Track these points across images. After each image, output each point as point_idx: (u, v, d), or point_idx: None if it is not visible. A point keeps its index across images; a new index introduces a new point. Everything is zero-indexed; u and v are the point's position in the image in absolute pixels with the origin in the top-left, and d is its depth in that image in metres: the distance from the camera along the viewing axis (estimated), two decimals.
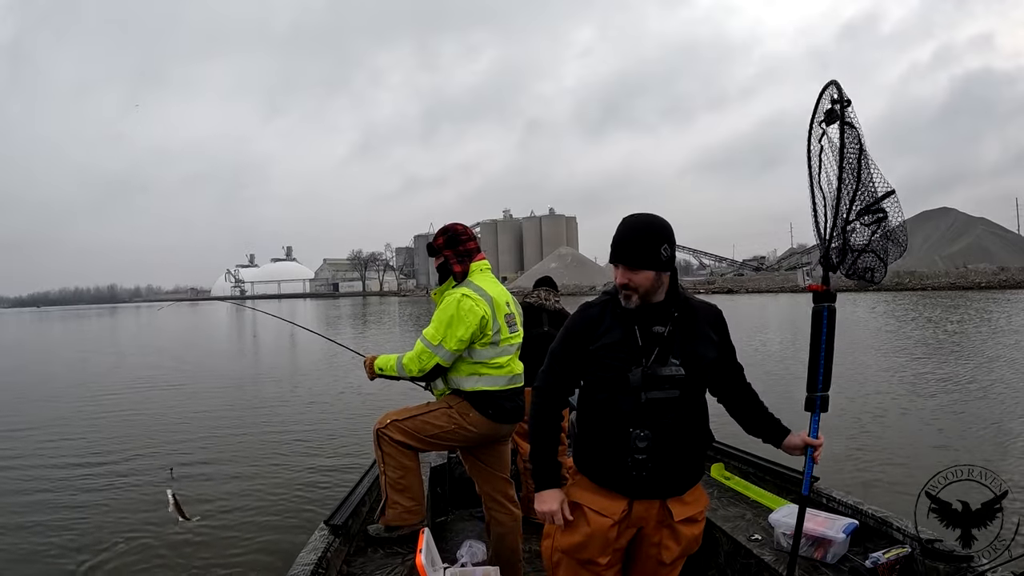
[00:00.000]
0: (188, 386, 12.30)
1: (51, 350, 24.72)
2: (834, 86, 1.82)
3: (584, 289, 73.03)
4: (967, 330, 16.97)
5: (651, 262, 1.65)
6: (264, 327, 26.70)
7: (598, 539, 1.71)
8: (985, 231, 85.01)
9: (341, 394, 10.61)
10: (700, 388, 1.76)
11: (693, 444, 1.73)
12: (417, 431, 2.59)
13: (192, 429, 8.28)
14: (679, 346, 1.69)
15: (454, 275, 2.64)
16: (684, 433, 1.70)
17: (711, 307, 1.81)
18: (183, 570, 4.11)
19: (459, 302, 2.49)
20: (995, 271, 53.92)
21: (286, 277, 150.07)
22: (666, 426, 1.67)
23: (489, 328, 2.54)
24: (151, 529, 4.78)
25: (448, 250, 2.65)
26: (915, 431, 6.94)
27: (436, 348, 2.49)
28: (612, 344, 1.71)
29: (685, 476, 1.73)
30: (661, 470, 1.68)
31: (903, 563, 2.38)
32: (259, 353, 20.12)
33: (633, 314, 1.71)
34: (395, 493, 2.62)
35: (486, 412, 2.56)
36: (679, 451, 1.70)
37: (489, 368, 2.57)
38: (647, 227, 1.67)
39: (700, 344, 1.72)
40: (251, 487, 5.66)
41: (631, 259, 1.66)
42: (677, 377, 1.67)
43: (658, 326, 1.70)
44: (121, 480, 6.11)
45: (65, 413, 9.75)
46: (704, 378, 1.76)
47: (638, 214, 1.71)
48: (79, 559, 4.37)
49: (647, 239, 1.65)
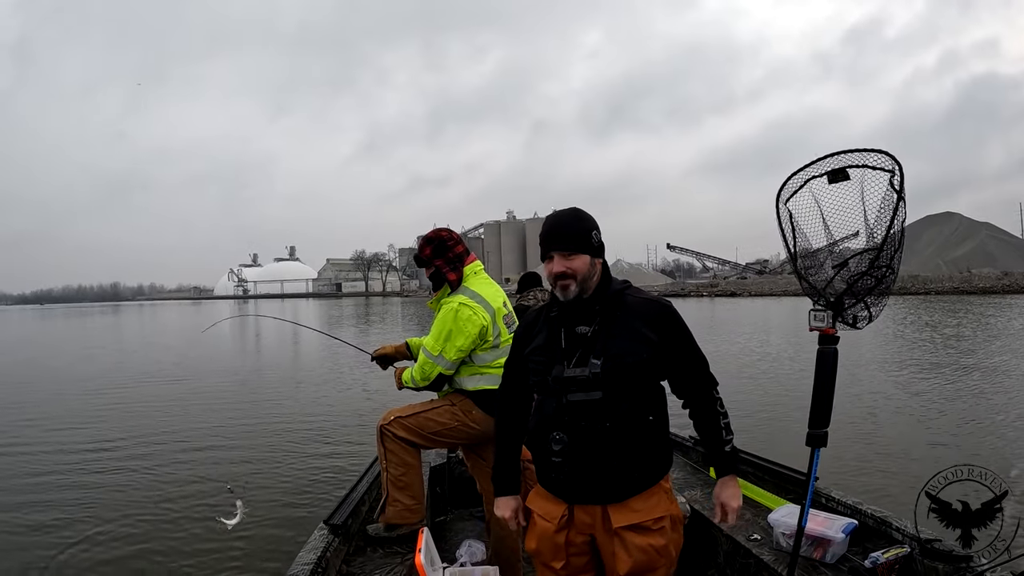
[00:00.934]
0: (190, 384, 12.34)
1: (61, 346, 24.80)
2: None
3: None
4: (967, 333, 16.93)
5: (585, 246, 1.66)
6: (266, 326, 26.71)
7: (546, 543, 1.71)
8: (989, 236, 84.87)
9: (341, 394, 10.63)
10: (630, 389, 1.64)
11: (623, 447, 1.62)
12: (420, 428, 2.59)
13: (192, 427, 8.30)
14: (601, 345, 1.64)
15: (449, 283, 2.62)
16: (608, 436, 1.62)
17: (653, 303, 1.71)
18: (182, 566, 4.11)
19: (456, 312, 2.48)
20: (999, 276, 53.77)
21: (289, 277, 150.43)
22: (584, 428, 1.62)
23: (489, 334, 2.53)
24: (151, 529, 4.79)
25: (438, 259, 2.61)
26: (915, 431, 6.92)
27: (436, 358, 2.50)
28: (538, 347, 1.73)
29: (617, 481, 1.64)
30: (578, 474, 1.64)
31: (902, 563, 2.38)
32: (261, 352, 20.12)
33: (560, 316, 1.71)
34: (396, 490, 2.63)
35: (489, 410, 2.56)
36: (602, 454, 1.62)
37: (491, 368, 2.57)
38: (576, 214, 1.72)
39: (625, 342, 1.63)
40: (250, 486, 5.66)
41: (566, 244, 1.66)
42: (594, 378, 1.61)
43: (582, 326, 1.67)
44: (121, 478, 6.13)
45: (73, 405, 9.81)
46: (629, 378, 1.63)
47: (562, 209, 1.77)
48: (75, 554, 4.39)
49: (578, 224, 1.69)
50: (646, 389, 1.67)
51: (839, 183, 1.89)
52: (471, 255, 2.68)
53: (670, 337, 1.68)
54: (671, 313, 1.70)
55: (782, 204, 2.00)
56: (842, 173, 1.88)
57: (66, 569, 4.19)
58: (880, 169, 1.84)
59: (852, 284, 1.95)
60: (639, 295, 1.73)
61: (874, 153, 1.83)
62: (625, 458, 1.63)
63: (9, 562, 4.31)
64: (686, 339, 1.71)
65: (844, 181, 1.88)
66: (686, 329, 1.72)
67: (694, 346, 1.73)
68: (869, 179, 1.87)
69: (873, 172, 1.85)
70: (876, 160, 1.83)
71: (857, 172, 1.87)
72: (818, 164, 1.91)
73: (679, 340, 1.69)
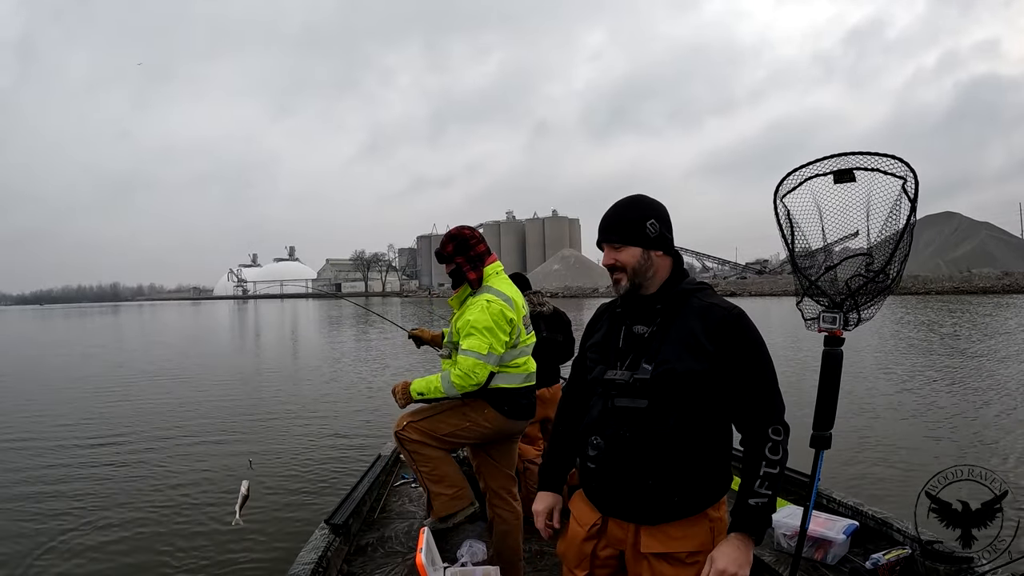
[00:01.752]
0: (192, 382, 12.34)
1: (70, 344, 24.81)
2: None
3: (587, 291, 73.08)
4: (966, 333, 16.93)
5: (636, 237, 1.52)
6: (266, 325, 26.70)
7: (573, 549, 1.62)
8: (989, 236, 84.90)
9: (343, 392, 10.63)
10: (680, 402, 1.45)
11: (663, 465, 1.45)
12: (433, 431, 2.59)
13: (193, 426, 8.30)
14: (655, 349, 1.48)
15: (469, 282, 2.60)
16: (647, 450, 1.46)
17: (717, 309, 1.48)
18: (183, 568, 4.11)
19: (489, 307, 2.48)
20: (999, 276, 53.76)
21: (289, 277, 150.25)
22: (624, 438, 1.48)
23: (514, 332, 2.55)
24: (149, 527, 4.79)
25: (459, 256, 2.60)
26: (915, 432, 6.92)
27: (487, 357, 2.46)
28: (595, 344, 1.62)
29: (651, 501, 1.47)
30: (610, 484, 1.51)
31: (903, 564, 2.39)
32: (261, 351, 20.12)
33: (622, 313, 1.58)
34: (434, 484, 2.63)
35: (502, 409, 2.57)
36: (637, 469, 1.47)
37: (508, 368, 2.58)
38: (630, 201, 1.57)
39: (679, 349, 1.45)
40: (251, 485, 5.66)
41: (614, 235, 1.54)
42: (640, 384, 1.46)
43: (640, 326, 1.53)
44: (120, 476, 6.13)
45: (80, 403, 9.81)
46: (679, 390, 1.45)
47: (625, 196, 1.62)
48: (72, 549, 4.39)
49: (630, 213, 1.54)
50: (701, 405, 1.46)
51: (843, 184, 1.88)
52: (492, 255, 2.67)
53: (729, 351, 1.44)
54: (736, 324, 1.46)
55: (779, 199, 2.00)
56: (849, 174, 1.87)
57: (64, 565, 4.20)
58: (891, 175, 1.83)
59: (860, 288, 1.95)
60: (708, 299, 1.52)
61: (887, 158, 1.82)
62: (663, 477, 1.46)
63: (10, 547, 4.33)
64: (749, 358, 1.45)
65: (849, 182, 1.87)
66: (754, 347, 1.46)
67: (759, 369, 1.46)
68: (878, 184, 1.85)
69: (884, 177, 1.84)
70: (889, 165, 1.83)
71: (865, 175, 1.86)
72: (821, 163, 1.90)
73: (739, 357, 1.45)
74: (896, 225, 1.86)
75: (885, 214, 1.88)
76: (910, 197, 1.82)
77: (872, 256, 1.94)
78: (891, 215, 1.87)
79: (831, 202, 1.93)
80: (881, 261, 1.91)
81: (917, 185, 1.80)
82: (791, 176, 1.97)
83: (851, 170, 1.86)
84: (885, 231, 1.89)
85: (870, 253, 1.94)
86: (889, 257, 1.90)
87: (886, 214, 1.87)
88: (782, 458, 1.43)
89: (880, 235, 1.91)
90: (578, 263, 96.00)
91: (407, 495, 3.70)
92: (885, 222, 1.89)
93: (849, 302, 1.93)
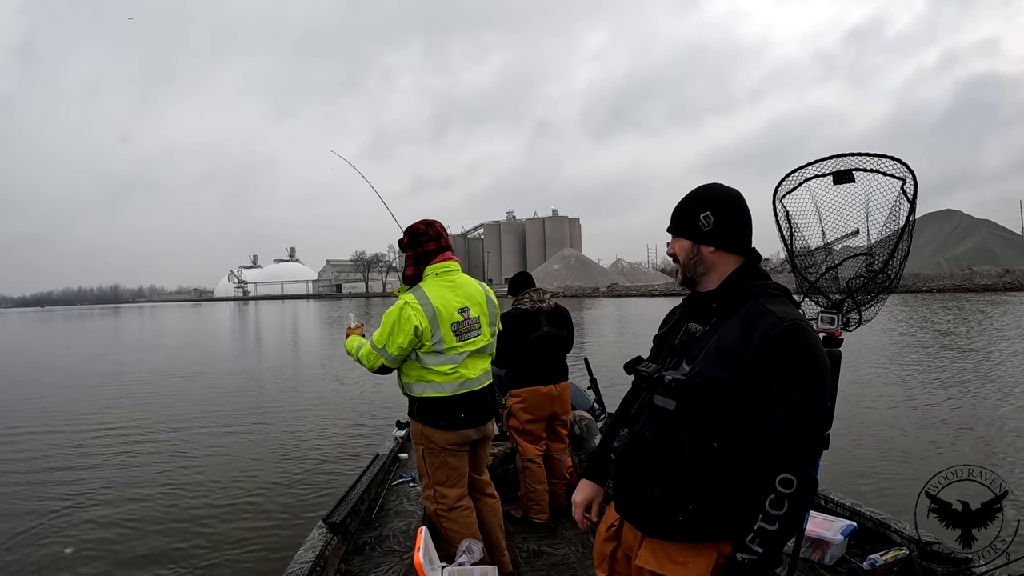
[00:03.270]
0: (192, 381, 12.35)
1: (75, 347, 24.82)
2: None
3: (587, 290, 73.07)
4: (966, 331, 16.91)
5: (687, 229, 1.42)
6: (267, 327, 26.72)
7: (597, 547, 1.54)
8: (990, 233, 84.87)
9: (340, 392, 10.63)
10: (707, 411, 1.30)
11: (674, 476, 1.32)
12: (440, 483, 2.60)
13: (192, 425, 8.31)
14: (698, 351, 1.36)
15: (405, 278, 2.61)
16: (661, 455, 1.35)
17: (772, 318, 1.27)
18: (182, 567, 4.11)
19: (401, 310, 2.49)
20: (1000, 273, 53.66)
21: (289, 278, 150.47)
22: (645, 437, 1.39)
23: (427, 338, 2.50)
24: (146, 526, 4.78)
25: (410, 249, 2.60)
26: (914, 432, 6.90)
27: (380, 351, 2.51)
28: (658, 336, 1.55)
29: (654, 512, 1.36)
30: (622, 484, 1.44)
31: (901, 565, 2.37)
32: (262, 352, 20.12)
33: (684, 307, 1.50)
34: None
35: (437, 424, 2.55)
36: (646, 473, 1.37)
37: (435, 375, 2.55)
38: (695, 191, 1.46)
39: (717, 354, 1.31)
40: (250, 485, 5.67)
41: (672, 224, 1.46)
42: (673, 384, 1.33)
43: (695, 323, 1.42)
44: (118, 475, 6.13)
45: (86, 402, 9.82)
46: (705, 397, 1.30)
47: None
48: (72, 548, 4.40)
49: (689, 203, 1.44)
50: (729, 421, 1.29)
51: (842, 185, 1.87)
52: (445, 254, 2.62)
53: (766, 367, 1.25)
54: (783, 338, 1.25)
55: (779, 200, 1.99)
56: (848, 175, 1.86)
57: (61, 560, 4.20)
58: (891, 176, 1.82)
59: (859, 288, 1.94)
60: (770, 304, 1.32)
61: (886, 159, 1.81)
62: (671, 489, 1.33)
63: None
64: (786, 381, 1.24)
65: (848, 183, 1.86)
66: (798, 369, 1.24)
67: (794, 397, 1.23)
68: (877, 184, 1.85)
69: (883, 178, 1.83)
70: (887, 166, 1.82)
71: (864, 176, 1.85)
72: (820, 164, 1.89)
73: (775, 377, 1.24)
74: (895, 226, 1.86)
75: (884, 215, 1.87)
76: (909, 198, 1.81)
77: (872, 256, 1.93)
78: (890, 216, 1.86)
79: (830, 203, 1.92)
80: (881, 261, 1.90)
81: (916, 186, 1.79)
82: (790, 177, 1.96)
83: (850, 171, 1.85)
84: (884, 232, 1.89)
85: (870, 253, 1.93)
86: (888, 257, 1.89)
87: (885, 215, 1.87)
88: (786, 514, 1.21)
89: (879, 236, 1.90)
90: (578, 263, 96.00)
91: (405, 494, 3.70)
92: (884, 223, 1.88)
93: (849, 303, 1.92)
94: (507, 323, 3.59)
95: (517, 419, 3.53)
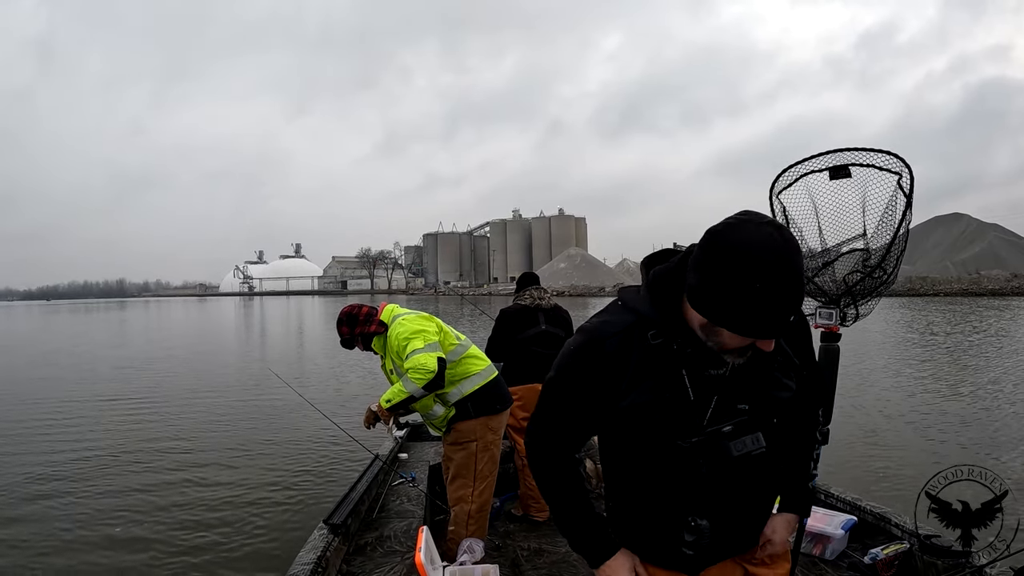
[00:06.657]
0: (192, 381, 12.40)
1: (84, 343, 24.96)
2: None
3: (593, 290, 72.92)
4: (967, 332, 16.82)
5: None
6: (272, 321, 26.78)
7: None
8: (997, 237, 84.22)
9: (342, 393, 10.63)
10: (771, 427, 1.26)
11: (768, 502, 1.34)
12: (478, 475, 2.80)
13: (192, 425, 8.34)
14: (748, 386, 1.18)
15: (376, 334, 2.79)
16: (763, 499, 1.31)
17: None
18: (182, 567, 4.13)
19: (403, 322, 2.68)
20: (1008, 277, 53.26)
21: (295, 274, 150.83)
22: (738, 503, 1.26)
23: (443, 327, 2.76)
24: (145, 527, 4.80)
25: (356, 328, 2.80)
26: (914, 431, 6.90)
27: (428, 347, 2.58)
28: (644, 404, 1.16)
29: (752, 540, 1.34)
30: (724, 542, 1.28)
31: (902, 559, 2.39)
32: (265, 349, 20.18)
33: (676, 352, 1.14)
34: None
35: (494, 408, 2.75)
36: (750, 523, 1.31)
37: (473, 362, 2.75)
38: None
39: (778, 377, 1.21)
40: (250, 486, 5.67)
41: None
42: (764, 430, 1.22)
43: (713, 368, 1.14)
44: (119, 474, 6.18)
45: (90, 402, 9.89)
46: (772, 420, 1.24)
47: None
48: (72, 549, 4.43)
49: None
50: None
51: (838, 180, 1.88)
52: (382, 304, 2.88)
53: (808, 352, 1.33)
54: (806, 320, 1.37)
55: (775, 196, 2.00)
56: (844, 170, 1.87)
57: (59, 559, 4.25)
58: (887, 171, 1.83)
59: (856, 284, 1.96)
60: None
61: (882, 154, 1.81)
62: (766, 513, 1.38)
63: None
64: (813, 351, 1.36)
65: (845, 178, 1.88)
66: (806, 328, 1.33)
67: (810, 350, 1.35)
68: (873, 180, 1.85)
69: (879, 173, 1.84)
70: (883, 161, 1.82)
71: (860, 171, 1.86)
72: (817, 159, 1.90)
73: (812, 354, 1.36)
74: (892, 221, 1.87)
75: (881, 210, 1.88)
76: (905, 193, 1.82)
77: (869, 252, 1.94)
78: (887, 211, 1.87)
79: (827, 198, 1.94)
80: (878, 257, 1.91)
81: (912, 181, 1.80)
82: (787, 172, 1.97)
83: (846, 166, 1.86)
84: (881, 227, 1.89)
85: (867, 249, 1.94)
86: (885, 252, 1.90)
87: (882, 210, 1.88)
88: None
89: (876, 231, 1.91)
90: (584, 262, 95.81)
91: (405, 494, 3.71)
92: (881, 218, 1.89)
93: (846, 298, 1.94)
94: (505, 318, 3.64)
95: (514, 417, 3.53)
